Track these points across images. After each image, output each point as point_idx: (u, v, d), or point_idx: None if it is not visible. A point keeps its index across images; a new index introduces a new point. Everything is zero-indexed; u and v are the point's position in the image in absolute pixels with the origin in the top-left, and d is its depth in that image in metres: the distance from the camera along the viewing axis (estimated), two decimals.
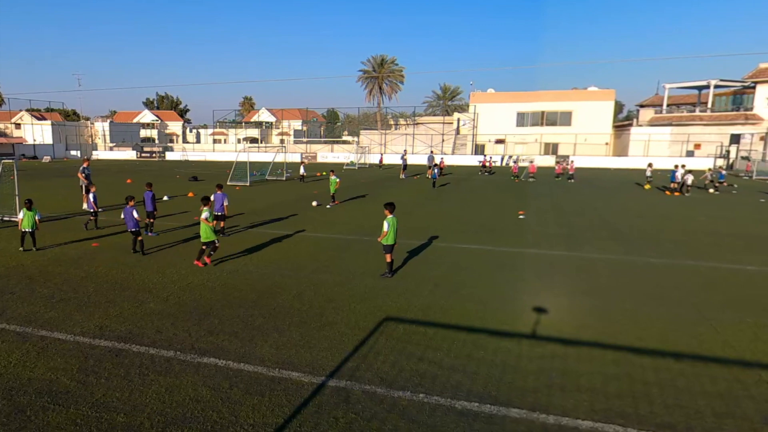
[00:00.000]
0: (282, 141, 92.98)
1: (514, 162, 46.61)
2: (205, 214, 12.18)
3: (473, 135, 69.88)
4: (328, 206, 23.56)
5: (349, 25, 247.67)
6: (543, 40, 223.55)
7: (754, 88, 62.60)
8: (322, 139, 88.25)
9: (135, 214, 13.52)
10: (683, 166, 31.64)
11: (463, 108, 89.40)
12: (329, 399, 6.24)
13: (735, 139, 57.15)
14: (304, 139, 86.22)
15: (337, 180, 24.51)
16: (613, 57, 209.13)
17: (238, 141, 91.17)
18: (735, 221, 20.39)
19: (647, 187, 34.32)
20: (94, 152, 79.68)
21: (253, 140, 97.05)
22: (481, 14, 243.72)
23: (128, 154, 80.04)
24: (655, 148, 62.16)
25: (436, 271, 12.25)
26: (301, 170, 38.50)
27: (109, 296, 10.16)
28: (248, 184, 34.07)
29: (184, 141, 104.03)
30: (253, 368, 7.05)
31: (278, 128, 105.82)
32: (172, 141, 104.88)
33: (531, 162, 49.61)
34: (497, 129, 69.03)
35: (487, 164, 50.64)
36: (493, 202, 25.98)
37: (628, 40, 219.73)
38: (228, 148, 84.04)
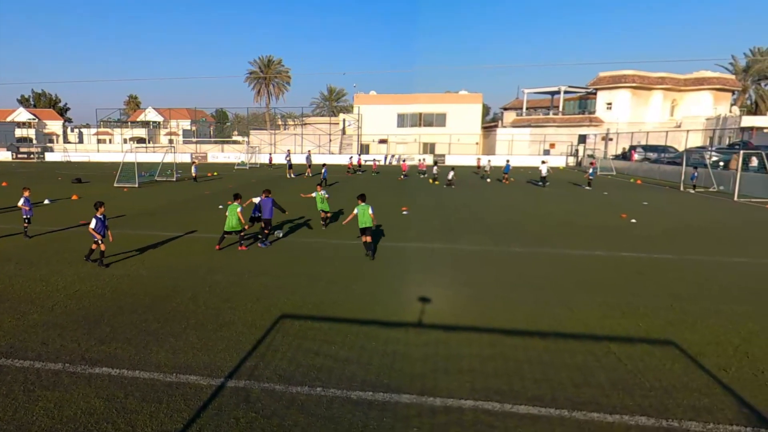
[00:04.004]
0: (171, 141, 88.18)
1: (403, 161, 47.32)
2: (239, 208, 13.67)
3: (358, 135, 70.42)
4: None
5: (236, 25, 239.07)
6: (419, 45, 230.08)
7: (595, 94, 68.50)
8: (212, 139, 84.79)
9: (92, 225, 11.85)
10: (508, 159, 34.11)
11: (348, 109, 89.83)
12: (229, 400, 6.02)
13: (582, 139, 62.21)
14: (194, 139, 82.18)
15: (326, 195, 17.39)
16: (480, 63, 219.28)
17: (125, 141, 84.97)
18: (583, 213, 22.21)
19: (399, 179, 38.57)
20: None
21: (141, 140, 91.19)
22: (362, 19, 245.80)
23: (2, 155, 72.08)
24: (518, 147, 66.11)
25: (328, 267, 12.22)
26: (193, 170, 37.03)
27: None
28: (137, 185, 31.97)
29: (66, 141, 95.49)
30: (149, 375, 6.63)
31: (166, 128, 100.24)
32: (51, 141, 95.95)
33: (375, 161, 51.08)
34: (380, 129, 70.02)
35: (354, 163, 50.16)
36: (377, 200, 26.27)
37: (493, 47, 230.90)
38: (114, 149, 78.00)
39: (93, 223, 11.87)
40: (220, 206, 22.79)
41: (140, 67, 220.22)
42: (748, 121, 54.60)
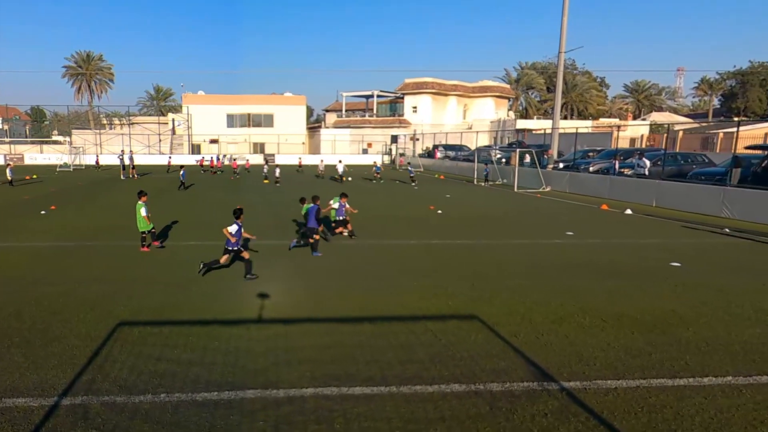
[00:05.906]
0: None
1: (234, 160, 45.79)
2: (142, 207, 12.56)
3: (188, 135, 66.05)
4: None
5: (51, 16, 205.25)
6: (245, 46, 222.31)
7: (403, 98, 72.74)
8: (28, 140, 72.82)
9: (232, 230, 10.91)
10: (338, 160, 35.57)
11: (176, 109, 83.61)
12: (65, 419, 5.35)
13: (394, 139, 65.60)
14: (7, 140, 69.33)
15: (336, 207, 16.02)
16: (303, 66, 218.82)
17: None
18: (398, 206, 23.58)
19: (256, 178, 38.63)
20: None
21: None
22: (186, 17, 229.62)
23: None
24: (341, 147, 67.50)
25: (165, 270, 11.39)
26: (8, 173, 31.77)
27: None
28: None
29: None
30: None
31: None
32: None
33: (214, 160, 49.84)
34: (210, 129, 66.45)
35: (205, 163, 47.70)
36: (211, 200, 25.14)
37: (314, 50, 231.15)
38: None
39: (233, 228, 10.95)
40: (43, 212, 19.88)
41: None
42: (521, 124, 62.55)
